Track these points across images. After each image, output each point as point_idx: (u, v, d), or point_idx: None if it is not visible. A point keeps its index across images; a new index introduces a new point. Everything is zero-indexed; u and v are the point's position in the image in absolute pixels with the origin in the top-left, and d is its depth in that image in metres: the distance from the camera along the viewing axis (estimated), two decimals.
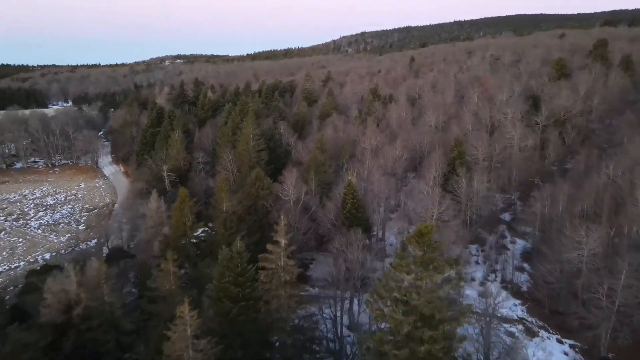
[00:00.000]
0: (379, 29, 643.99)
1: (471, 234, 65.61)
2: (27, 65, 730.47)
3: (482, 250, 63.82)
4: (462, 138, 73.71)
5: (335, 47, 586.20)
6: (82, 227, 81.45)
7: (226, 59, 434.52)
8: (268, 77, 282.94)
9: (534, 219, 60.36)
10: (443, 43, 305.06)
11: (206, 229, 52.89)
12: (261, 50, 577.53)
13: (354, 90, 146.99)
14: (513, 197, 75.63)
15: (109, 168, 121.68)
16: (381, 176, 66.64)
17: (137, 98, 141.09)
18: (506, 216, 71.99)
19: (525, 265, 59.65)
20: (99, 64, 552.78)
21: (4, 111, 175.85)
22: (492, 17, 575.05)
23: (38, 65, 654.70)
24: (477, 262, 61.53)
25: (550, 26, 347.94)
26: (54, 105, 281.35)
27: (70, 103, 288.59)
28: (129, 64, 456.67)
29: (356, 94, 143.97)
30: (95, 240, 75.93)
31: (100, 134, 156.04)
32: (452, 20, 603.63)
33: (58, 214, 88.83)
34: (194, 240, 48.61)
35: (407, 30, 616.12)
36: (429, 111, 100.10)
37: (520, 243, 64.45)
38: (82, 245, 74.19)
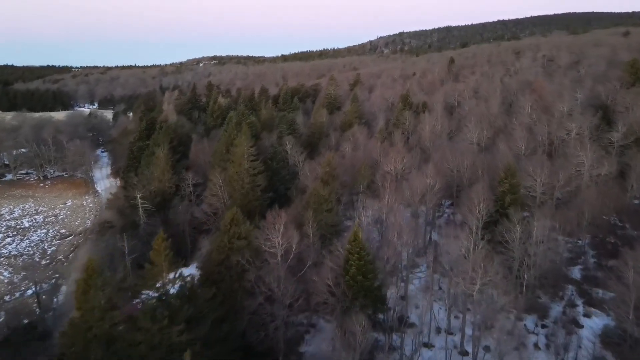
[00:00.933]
0: (417, 29, 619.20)
1: (526, 299, 48.09)
2: (70, 67, 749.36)
3: (542, 326, 46.19)
4: (514, 165, 55.99)
5: (372, 48, 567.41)
6: (45, 261, 68.54)
7: (258, 60, 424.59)
8: (297, 79, 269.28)
9: (619, 287, 42.29)
10: (486, 43, 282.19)
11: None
12: (296, 52, 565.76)
13: (384, 95, 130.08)
14: (583, 244, 57.30)
15: (104, 182, 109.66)
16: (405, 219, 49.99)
17: (146, 102, 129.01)
18: (575, 272, 53.78)
19: (608, 355, 41.74)
20: (141, 65, 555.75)
21: (14, 113, 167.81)
22: (538, 16, 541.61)
23: (81, 67, 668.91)
24: (536, 345, 43.97)
25: (606, 24, 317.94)
26: (80, 107, 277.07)
27: (96, 105, 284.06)
28: (161, 65, 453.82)
29: (385, 100, 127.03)
30: (41, 286, 60.30)
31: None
32: (495, 20, 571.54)
33: (27, 240, 76.46)
34: None
35: (447, 30, 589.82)
36: (470, 123, 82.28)
37: (598, 318, 46.33)
38: (16, 294, 58.98)
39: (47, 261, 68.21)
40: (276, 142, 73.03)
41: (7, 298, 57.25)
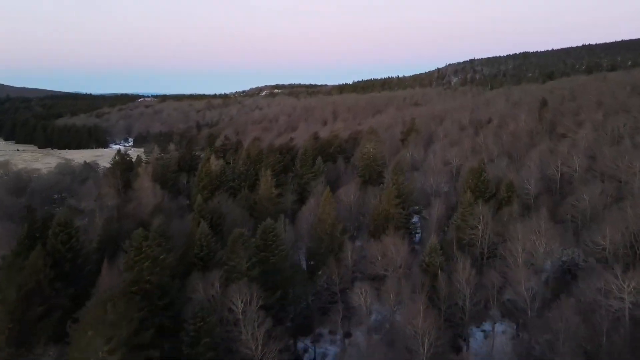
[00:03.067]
0: (490, 55, 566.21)
1: None
2: (139, 95, 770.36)
3: None
4: None
5: (439, 77, 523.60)
6: None
7: (312, 91, 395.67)
8: (349, 114, 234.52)
9: None
10: (582, 74, 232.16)
11: None
12: (360, 80, 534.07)
13: (446, 156, 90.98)
14: None
15: None
16: None
17: (123, 162, 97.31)
18: None
19: None
20: (208, 94, 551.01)
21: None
22: (631, 40, 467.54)
23: (151, 95, 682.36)
24: None
25: None
26: (116, 144, 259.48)
27: (130, 142, 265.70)
28: (209, 96, 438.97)
29: (448, 165, 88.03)
30: None
31: None
32: (579, 45, 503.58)
33: None
34: None
35: (524, 56, 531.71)
36: (603, 239, 41.93)
37: None
38: None
39: None
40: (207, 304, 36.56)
41: None
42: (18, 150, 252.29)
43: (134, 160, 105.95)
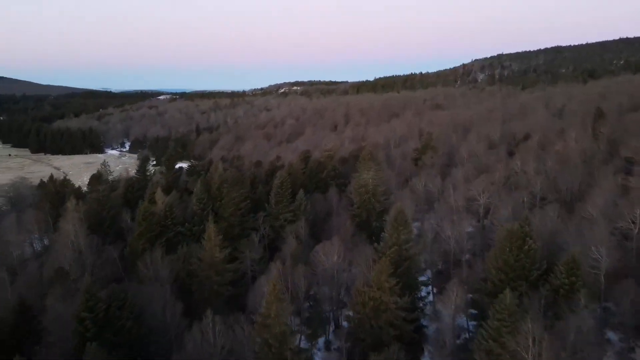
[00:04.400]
0: (519, 49, 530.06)
1: None
2: (160, 91, 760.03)
3: None
4: None
5: (465, 73, 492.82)
6: None
7: (327, 90, 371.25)
8: (362, 118, 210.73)
9: None
10: (621, 70, 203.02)
11: None
12: (381, 76, 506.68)
13: (470, 192, 67.42)
14: None
15: None
16: None
17: (55, 191, 76.24)
18: None
19: None
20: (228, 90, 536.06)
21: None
22: None
23: (170, 92, 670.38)
24: None
25: None
26: (113, 149, 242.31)
27: (127, 147, 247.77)
28: (245, 91, 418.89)
29: (473, 203, 64.81)
30: None
31: None
32: (616, 38, 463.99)
33: None
34: None
35: (556, 50, 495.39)
36: None
37: None
38: None
39: None
40: None
41: None
42: (10, 155, 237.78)
43: (132, 173, 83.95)
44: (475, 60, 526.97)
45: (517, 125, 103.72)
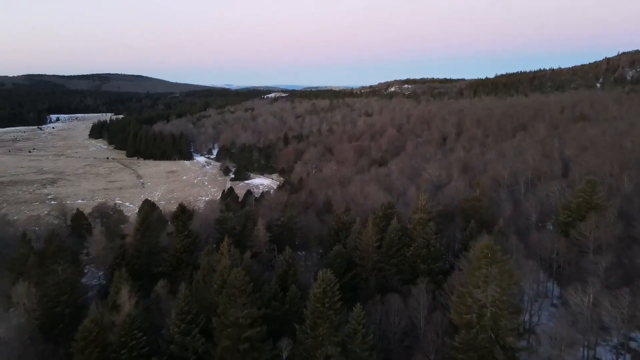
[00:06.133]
0: None
1: None
2: (270, 88, 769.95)
3: None
4: None
5: (609, 69, 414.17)
6: None
7: (437, 93, 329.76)
8: (475, 131, 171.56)
9: None
10: None
11: None
12: (503, 73, 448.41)
13: None
14: None
15: None
16: None
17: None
18: None
19: None
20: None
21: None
22: None
23: (282, 87, 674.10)
24: None
25: None
26: (201, 155, 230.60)
27: (214, 155, 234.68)
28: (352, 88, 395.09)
29: None
30: None
31: None
32: None
33: None
34: None
35: None
36: None
37: None
38: None
39: None
40: None
41: None
42: (107, 158, 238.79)
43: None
44: (622, 53, 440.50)
45: None
